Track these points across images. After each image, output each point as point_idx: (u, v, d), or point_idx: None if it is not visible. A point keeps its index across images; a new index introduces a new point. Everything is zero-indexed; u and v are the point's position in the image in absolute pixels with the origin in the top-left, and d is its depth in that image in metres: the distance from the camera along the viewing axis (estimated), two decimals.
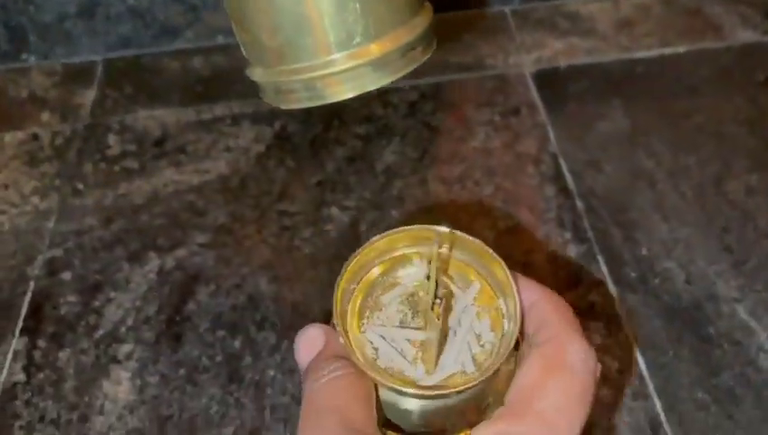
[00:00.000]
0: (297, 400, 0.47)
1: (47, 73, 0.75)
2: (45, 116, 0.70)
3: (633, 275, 0.53)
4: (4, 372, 0.49)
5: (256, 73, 0.24)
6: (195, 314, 0.52)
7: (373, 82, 0.23)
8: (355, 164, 0.63)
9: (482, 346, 0.27)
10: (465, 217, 0.58)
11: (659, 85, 0.69)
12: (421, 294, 0.28)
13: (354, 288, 0.28)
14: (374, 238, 0.28)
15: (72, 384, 0.49)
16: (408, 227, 0.29)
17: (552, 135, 0.64)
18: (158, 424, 0.46)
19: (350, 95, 0.23)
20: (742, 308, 0.50)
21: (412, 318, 0.28)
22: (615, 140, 0.64)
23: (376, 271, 0.29)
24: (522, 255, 0.55)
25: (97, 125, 0.69)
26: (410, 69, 0.25)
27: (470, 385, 0.24)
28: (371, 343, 0.27)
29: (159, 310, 0.53)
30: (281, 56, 0.23)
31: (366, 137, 0.65)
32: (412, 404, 0.25)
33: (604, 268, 0.54)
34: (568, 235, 0.56)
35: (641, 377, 0.47)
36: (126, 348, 0.51)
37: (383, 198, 0.60)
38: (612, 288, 0.52)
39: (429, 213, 0.58)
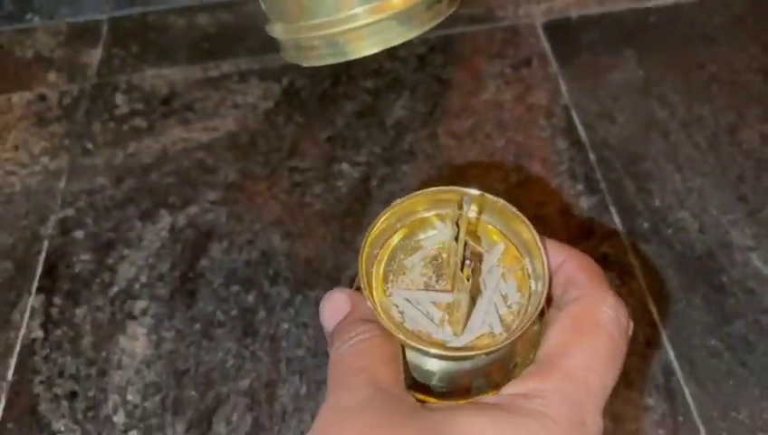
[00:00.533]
0: (312, 352, 0.48)
1: (52, 33, 0.74)
2: (52, 76, 0.70)
3: (646, 225, 0.53)
4: (23, 329, 0.50)
5: (276, 30, 0.24)
6: (208, 270, 0.53)
7: (398, 37, 0.22)
8: (365, 119, 0.62)
9: (509, 307, 0.27)
10: (476, 170, 0.58)
11: (673, 34, 0.68)
12: (444, 256, 0.28)
13: (377, 253, 0.28)
14: (396, 201, 0.28)
15: (90, 340, 0.49)
16: (431, 188, 0.28)
17: (563, 87, 0.64)
18: (174, 378, 0.47)
19: (374, 51, 0.23)
20: (756, 256, 0.50)
21: (437, 281, 0.28)
22: (628, 90, 0.63)
23: (398, 235, 0.29)
24: (534, 207, 0.55)
25: (104, 84, 0.68)
26: (436, 22, 0.24)
27: (497, 347, 0.24)
28: (397, 306, 0.27)
29: (173, 267, 0.53)
30: (301, 11, 0.22)
31: (375, 91, 0.65)
32: (438, 365, 0.26)
33: (617, 219, 0.53)
34: (580, 187, 0.56)
35: (654, 326, 0.47)
36: (141, 304, 0.51)
37: (393, 153, 0.60)
38: (625, 239, 0.52)
39: (440, 168, 0.58)
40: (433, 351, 0.25)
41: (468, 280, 0.25)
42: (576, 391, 0.22)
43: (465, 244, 0.26)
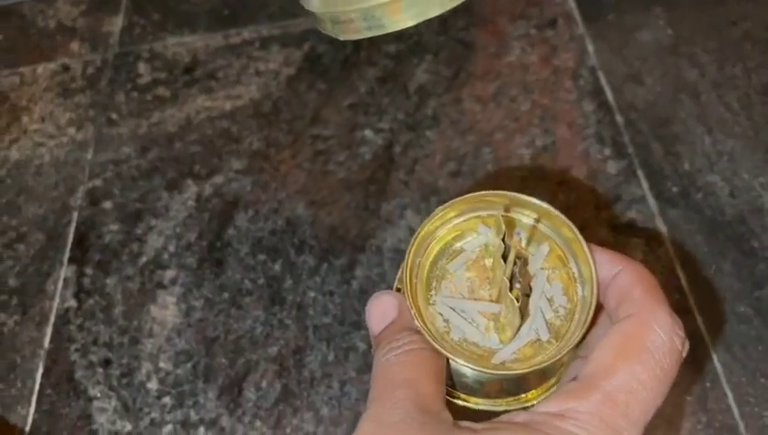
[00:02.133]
0: (338, 320, 0.48)
1: (74, 2, 0.74)
2: (75, 46, 0.70)
3: (675, 189, 0.52)
4: (57, 298, 0.51)
5: (313, 3, 0.23)
6: (235, 239, 0.53)
7: (436, 8, 0.22)
8: (387, 84, 0.62)
9: (555, 311, 0.26)
10: (501, 135, 0.57)
11: None
12: (488, 261, 0.28)
13: (420, 262, 0.28)
14: (438, 209, 0.28)
15: (121, 309, 0.50)
16: (471, 194, 0.28)
17: (590, 47, 0.62)
18: (205, 345, 0.48)
19: (412, 23, 0.22)
20: None
21: (480, 285, 0.27)
22: (656, 50, 0.62)
23: (440, 240, 0.29)
24: (560, 173, 0.54)
25: (126, 53, 0.68)
26: None
27: (545, 363, 0.24)
28: (441, 315, 0.27)
29: (200, 236, 0.54)
30: None
31: (397, 56, 0.64)
32: (484, 376, 0.26)
33: (645, 184, 0.53)
34: (607, 151, 0.55)
35: (682, 292, 0.47)
36: (170, 274, 0.52)
37: (417, 118, 0.59)
38: (653, 204, 0.51)
39: (464, 133, 0.57)
40: (481, 369, 0.25)
41: (518, 300, 0.24)
42: (614, 416, 0.22)
43: (509, 256, 0.25)
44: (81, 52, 0.69)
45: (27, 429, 0.45)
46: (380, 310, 0.26)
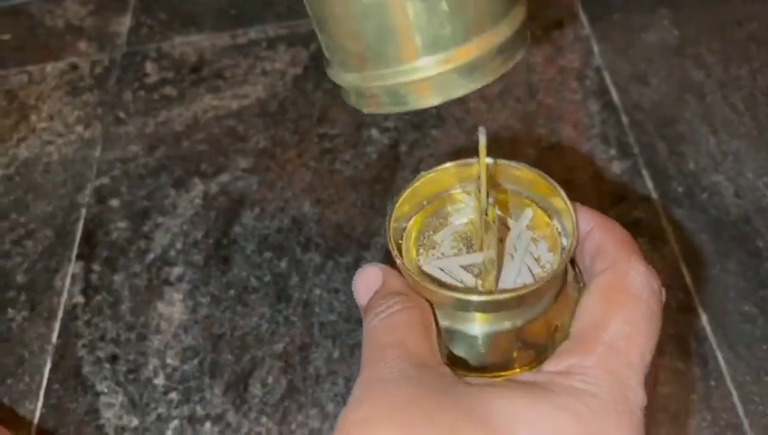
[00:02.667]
0: (344, 317, 0.49)
1: (82, 2, 0.75)
2: (83, 45, 0.71)
3: (680, 189, 0.52)
4: (65, 294, 0.52)
5: (338, 75, 0.23)
6: (241, 236, 0.53)
7: (461, 89, 0.22)
8: None
9: (542, 267, 0.26)
10: (506, 134, 0.57)
11: None
12: (472, 228, 0.28)
13: (405, 226, 0.28)
14: (421, 173, 0.28)
15: (128, 305, 0.51)
16: (453, 162, 0.28)
17: (596, 48, 0.62)
18: (211, 342, 0.48)
19: (436, 102, 0.22)
20: None
21: (467, 253, 0.28)
22: (662, 51, 0.62)
23: (425, 212, 0.29)
24: (565, 172, 0.54)
25: (134, 53, 0.69)
26: (501, 73, 0.23)
27: (532, 287, 0.24)
28: (429, 276, 0.27)
29: (207, 234, 0.54)
30: (364, 61, 0.21)
31: None
32: (477, 328, 0.25)
33: (649, 183, 0.53)
34: (612, 151, 0.55)
35: (687, 291, 0.47)
36: (177, 271, 0.52)
37: (422, 117, 0.59)
38: (658, 203, 0.51)
39: (470, 132, 0.58)
40: (466, 297, 0.24)
41: (494, 222, 0.24)
42: (618, 365, 0.22)
43: (489, 194, 0.25)
44: (89, 51, 0.70)
45: (35, 422, 0.46)
46: (365, 282, 0.26)
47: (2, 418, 0.45)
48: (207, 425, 0.45)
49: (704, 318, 0.46)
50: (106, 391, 0.47)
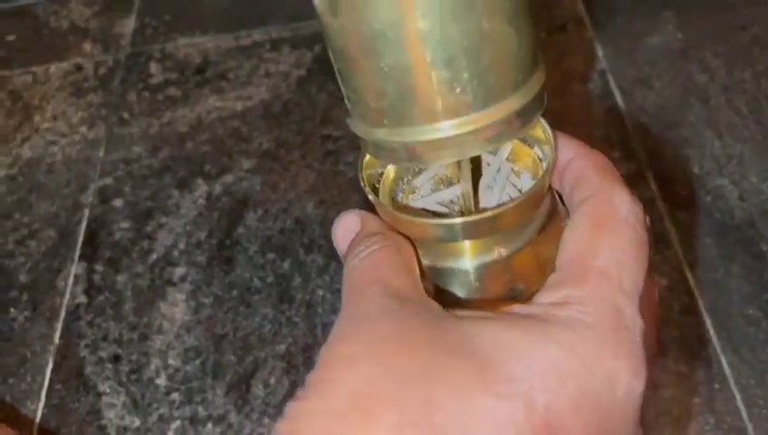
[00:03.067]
0: None
1: (87, 3, 0.75)
2: (87, 46, 0.71)
3: (684, 192, 0.52)
4: (67, 294, 0.52)
5: (358, 127, 0.24)
6: (244, 237, 0.53)
7: (477, 149, 0.22)
8: None
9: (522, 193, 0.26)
10: None
11: None
12: (452, 169, 0.27)
13: (381, 172, 0.27)
14: None
15: (131, 306, 0.51)
16: None
17: (599, 51, 0.62)
18: (213, 342, 0.48)
19: (451, 160, 0.23)
20: None
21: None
22: (666, 54, 0.62)
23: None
24: None
25: (138, 54, 0.69)
26: (519, 136, 0.24)
27: (511, 205, 0.23)
28: (407, 208, 0.26)
29: (210, 234, 0.54)
30: (384, 117, 0.22)
31: None
32: (462, 263, 0.24)
33: (654, 186, 0.53)
34: (617, 154, 0.55)
35: (691, 294, 0.47)
36: (180, 271, 0.52)
37: None
38: (662, 206, 0.51)
39: None
40: (454, 220, 0.23)
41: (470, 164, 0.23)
42: (612, 292, 0.21)
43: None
44: (93, 52, 0.70)
45: (37, 422, 0.45)
46: (343, 228, 0.25)
47: (4, 417, 0.45)
48: (209, 426, 0.45)
49: (708, 321, 0.45)
50: (108, 391, 0.46)
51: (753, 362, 0.43)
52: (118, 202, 0.57)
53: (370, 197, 0.25)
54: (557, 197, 0.26)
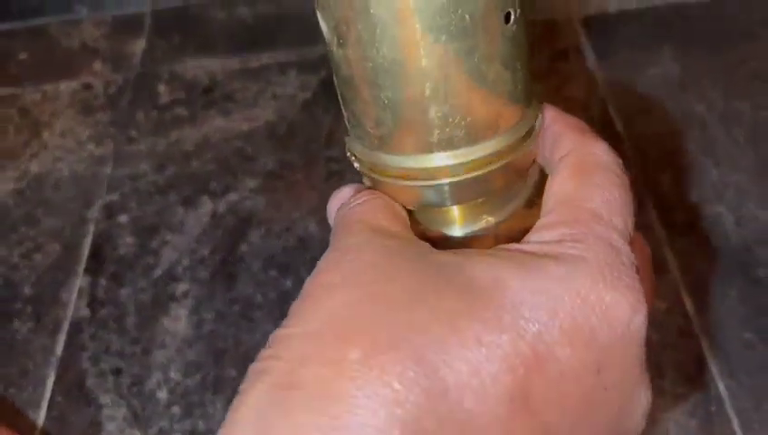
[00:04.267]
0: None
1: (98, 24, 0.76)
2: (98, 66, 0.72)
3: (682, 219, 0.53)
4: (71, 307, 0.52)
5: (355, 148, 0.25)
6: (247, 254, 0.54)
7: (467, 178, 0.24)
8: None
9: None
10: None
11: (713, 30, 0.68)
12: None
13: None
14: None
15: (134, 320, 0.51)
16: None
17: (600, 80, 0.64)
18: (214, 357, 0.49)
19: (445, 182, 0.24)
20: None
21: None
22: (665, 85, 0.63)
23: None
24: None
25: (147, 74, 0.70)
26: (510, 161, 0.24)
27: (500, 164, 0.23)
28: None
29: (213, 251, 0.55)
30: (381, 144, 0.23)
31: None
32: (452, 230, 0.25)
33: (653, 213, 0.53)
34: None
35: (688, 318, 0.47)
36: (183, 287, 0.53)
37: None
38: (661, 233, 0.52)
39: None
40: (446, 181, 0.23)
41: None
42: (606, 230, 0.20)
43: None
44: (103, 71, 0.71)
45: (37, 433, 0.46)
46: (338, 200, 0.25)
47: (8, 423, 0.45)
48: None
49: (705, 345, 0.46)
50: (109, 403, 0.47)
51: (749, 386, 0.44)
52: (123, 218, 0.58)
53: (356, 165, 0.25)
54: (543, 171, 0.27)
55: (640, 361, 0.20)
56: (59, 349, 0.50)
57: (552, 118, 0.24)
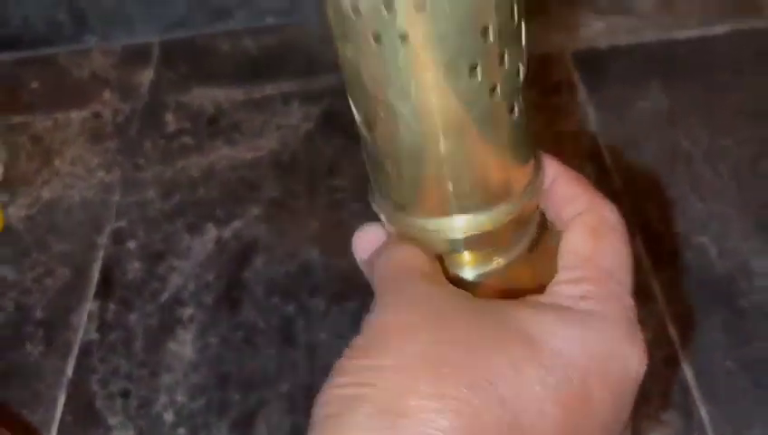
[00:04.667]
0: None
1: (107, 54, 0.79)
2: (107, 95, 0.75)
3: (667, 250, 0.55)
4: (81, 331, 0.54)
5: (380, 206, 0.27)
6: (251, 281, 0.56)
7: (482, 229, 0.26)
8: None
9: None
10: None
11: (700, 66, 0.70)
12: None
13: None
14: None
15: (141, 343, 0.53)
16: None
17: (591, 114, 0.66)
18: (218, 381, 0.51)
19: (459, 237, 0.26)
20: None
21: None
22: (653, 119, 0.66)
23: None
24: None
25: (155, 104, 0.73)
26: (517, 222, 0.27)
27: (511, 217, 0.25)
28: None
29: (218, 277, 0.57)
30: (402, 207, 0.26)
31: None
32: (468, 273, 0.27)
33: (640, 244, 0.56)
34: None
35: (672, 346, 0.49)
36: (188, 311, 0.55)
37: None
38: (646, 263, 0.54)
39: None
40: (461, 236, 0.25)
41: None
42: (620, 291, 0.24)
43: None
44: (112, 101, 0.74)
45: None
46: (367, 238, 0.28)
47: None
48: None
49: (688, 373, 0.48)
50: (117, 425, 0.49)
51: (730, 413, 0.46)
52: (131, 244, 0.60)
53: (382, 218, 0.27)
54: (543, 213, 0.29)
55: (634, 399, 0.24)
56: (69, 371, 0.52)
57: (555, 171, 0.28)
